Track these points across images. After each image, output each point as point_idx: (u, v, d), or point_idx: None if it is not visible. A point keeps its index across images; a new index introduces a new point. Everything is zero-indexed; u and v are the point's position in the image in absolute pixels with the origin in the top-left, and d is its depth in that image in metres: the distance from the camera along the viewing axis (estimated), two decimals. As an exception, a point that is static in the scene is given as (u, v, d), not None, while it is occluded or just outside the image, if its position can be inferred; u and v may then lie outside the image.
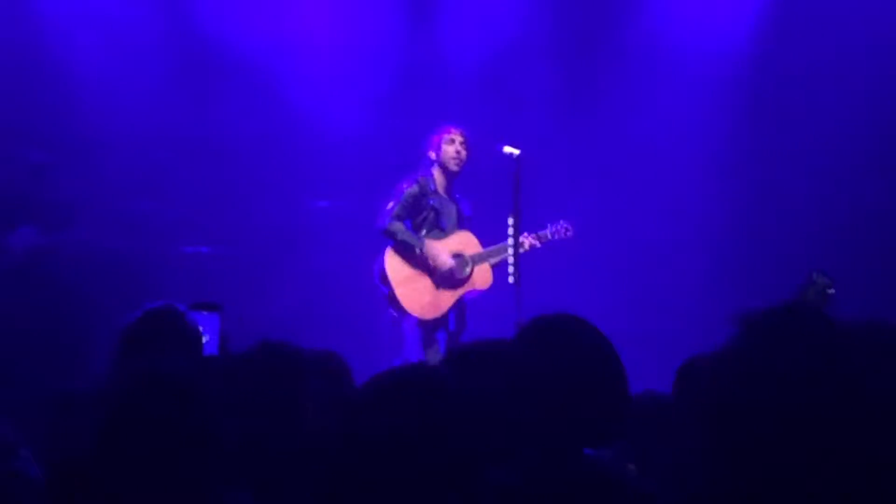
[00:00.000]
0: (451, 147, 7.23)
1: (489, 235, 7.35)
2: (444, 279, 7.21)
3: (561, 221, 7.34)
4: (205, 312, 3.96)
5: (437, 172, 7.30)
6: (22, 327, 8.01)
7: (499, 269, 7.27)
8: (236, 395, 3.25)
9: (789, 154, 9.18)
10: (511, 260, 6.82)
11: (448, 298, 7.21)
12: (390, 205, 7.19)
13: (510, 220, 6.84)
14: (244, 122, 9.20)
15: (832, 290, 3.39)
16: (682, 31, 9.27)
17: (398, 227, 7.16)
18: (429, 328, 7.16)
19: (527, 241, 7.17)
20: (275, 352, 3.42)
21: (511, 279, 6.78)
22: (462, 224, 7.36)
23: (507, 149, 6.85)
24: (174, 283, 8.26)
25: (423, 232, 7.23)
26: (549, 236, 7.30)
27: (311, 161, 9.19)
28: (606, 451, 2.78)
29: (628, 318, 8.27)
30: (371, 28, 9.35)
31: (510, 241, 6.82)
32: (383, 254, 7.23)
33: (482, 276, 7.27)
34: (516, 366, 2.64)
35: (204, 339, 3.84)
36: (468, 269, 7.25)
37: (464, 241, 7.33)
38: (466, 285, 7.26)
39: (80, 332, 7.78)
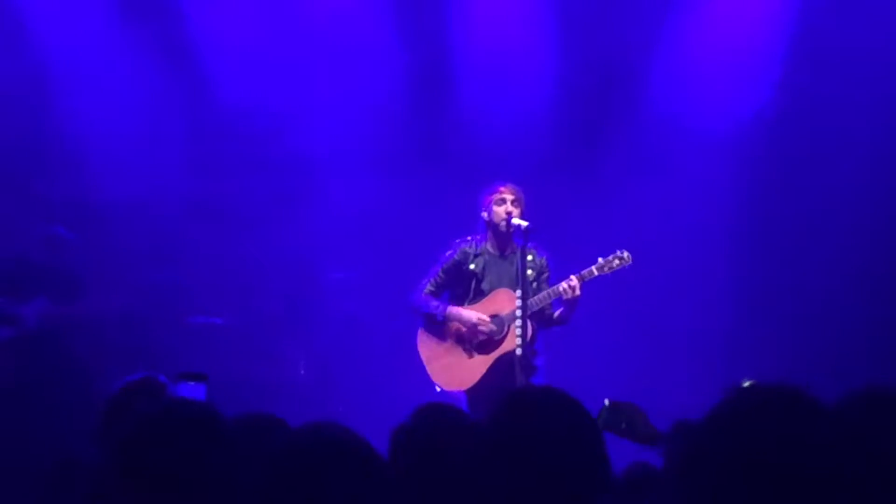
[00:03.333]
0: (501, 208, 6.95)
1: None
2: (477, 346, 6.94)
3: (616, 251, 6.88)
4: (191, 383, 3.97)
5: (490, 233, 7.06)
6: (32, 396, 8.03)
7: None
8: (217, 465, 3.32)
9: (795, 232, 9.21)
10: (518, 332, 6.63)
11: (481, 364, 6.91)
12: (424, 281, 7.03)
13: (517, 293, 6.65)
14: (257, 192, 9.27)
15: None
16: (689, 107, 9.33)
17: (422, 300, 6.99)
18: (476, 396, 6.82)
19: (570, 282, 6.74)
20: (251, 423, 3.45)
21: (518, 350, 6.70)
22: (522, 281, 6.65)
23: (516, 220, 6.88)
24: (184, 352, 8.28)
25: (469, 297, 7.00)
26: (595, 272, 6.80)
27: (325, 232, 9.23)
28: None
29: (635, 389, 8.24)
30: (387, 97, 9.42)
31: (518, 312, 6.71)
32: (418, 330, 7.07)
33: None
34: (492, 438, 2.66)
35: None
36: (505, 329, 6.87)
37: (501, 300, 6.94)
38: (503, 346, 6.88)
39: (89, 402, 7.80)
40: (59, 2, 8.97)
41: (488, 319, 6.95)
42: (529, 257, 6.95)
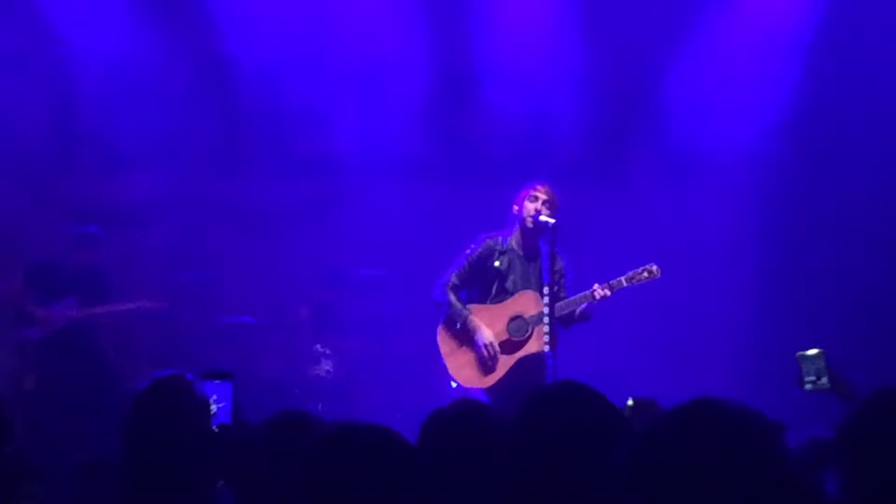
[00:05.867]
0: (533, 205, 6.95)
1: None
2: (500, 346, 6.96)
3: (646, 265, 6.89)
4: (217, 381, 3.97)
5: (518, 229, 7.08)
6: (61, 396, 8.08)
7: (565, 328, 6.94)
8: (248, 464, 3.34)
9: (822, 235, 9.16)
10: (546, 329, 6.65)
11: (503, 364, 6.95)
12: (449, 273, 7.08)
13: (545, 290, 6.69)
14: (286, 193, 9.31)
15: None
16: (713, 111, 9.29)
17: (447, 298, 7.04)
18: (496, 396, 6.82)
19: (598, 291, 6.81)
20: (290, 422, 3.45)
21: (547, 347, 6.72)
22: (542, 281, 6.73)
23: (544, 217, 6.89)
24: (214, 351, 8.31)
25: (492, 295, 7.05)
26: (624, 283, 6.85)
27: (353, 231, 9.24)
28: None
29: (657, 387, 8.22)
30: (415, 99, 9.44)
31: (546, 309, 6.71)
32: (438, 325, 7.14)
33: (541, 337, 6.76)
34: (521, 431, 2.67)
35: (215, 408, 3.88)
36: (528, 331, 6.94)
37: (525, 302, 6.99)
38: (526, 347, 6.94)
39: (117, 401, 7.84)
40: (90, 5, 9.02)
41: (497, 351, 6.96)
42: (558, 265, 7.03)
